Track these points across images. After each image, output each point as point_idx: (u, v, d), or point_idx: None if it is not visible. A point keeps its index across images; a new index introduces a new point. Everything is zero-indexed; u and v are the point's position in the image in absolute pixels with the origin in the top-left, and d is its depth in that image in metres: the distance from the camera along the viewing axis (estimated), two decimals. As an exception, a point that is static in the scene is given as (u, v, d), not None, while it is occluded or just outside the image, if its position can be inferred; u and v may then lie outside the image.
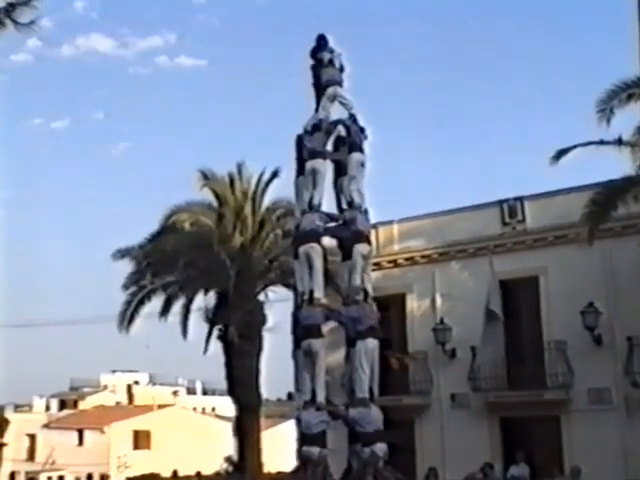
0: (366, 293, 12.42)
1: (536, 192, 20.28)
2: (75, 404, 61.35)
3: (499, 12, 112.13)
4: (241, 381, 22.61)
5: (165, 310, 23.72)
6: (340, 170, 13.33)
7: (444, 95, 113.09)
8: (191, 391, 71.97)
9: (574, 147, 16.55)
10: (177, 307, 24.00)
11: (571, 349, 18.36)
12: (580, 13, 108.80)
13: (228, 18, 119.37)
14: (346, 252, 12.67)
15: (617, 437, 17.53)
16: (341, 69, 13.77)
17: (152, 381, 69.93)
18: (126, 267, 23.45)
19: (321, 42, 13.80)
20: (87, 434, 49.95)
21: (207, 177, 23.83)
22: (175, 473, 28.77)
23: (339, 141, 13.61)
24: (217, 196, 23.94)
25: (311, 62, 13.92)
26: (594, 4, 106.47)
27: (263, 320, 23.13)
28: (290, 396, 33.26)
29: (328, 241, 13.29)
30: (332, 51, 13.75)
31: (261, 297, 23.76)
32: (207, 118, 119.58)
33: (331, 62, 13.68)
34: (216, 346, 23.19)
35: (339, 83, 13.68)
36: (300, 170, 13.12)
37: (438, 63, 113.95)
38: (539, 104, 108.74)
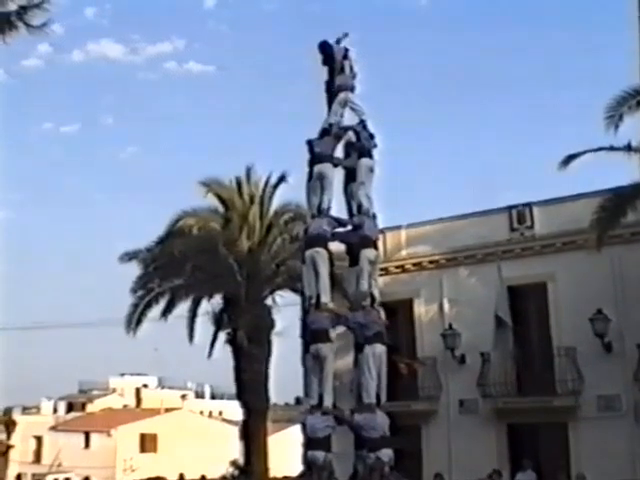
0: (373, 298, 12.38)
1: (545, 198, 20.23)
2: (83, 407, 61.39)
3: (507, 18, 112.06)
4: (250, 385, 22.59)
5: (167, 311, 23.71)
6: (350, 176, 13.31)
7: (453, 100, 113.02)
8: (200, 395, 71.97)
9: (583, 153, 16.52)
10: (184, 310, 24.04)
11: (580, 356, 18.28)
12: (589, 18, 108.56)
13: (237, 24, 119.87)
14: (354, 257, 12.65)
15: (626, 444, 17.44)
16: (354, 76, 13.76)
17: (161, 384, 69.97)
18: (135, 270, 23.50)
19: (326, 48, 13.76)
20: (94, 437, 49.96)
21: (210, 185, 23.87)
22: (181, 476, 28.72)
23: (349, 147, 13.59)
24: (223, 201, 23.98)
25: (319, 66, 13.91)
26: (602, 9, 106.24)
27: (271, 324, 23.12)
28: (298, 400, 33.20)
29: (336, 246, 13.27)
30: (345, 57, 13.72)
31: (269, 301, 23.75)
32: (215, 123, 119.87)
33: (343, 68, 13.68)
34: (225, 350, 23.22)
35: (351, 89, 13.67)
36: (311, 175, 13.11)
37: (446, 68, 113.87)
38: (549, 110, 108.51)
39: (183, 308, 23.97)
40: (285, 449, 29.41)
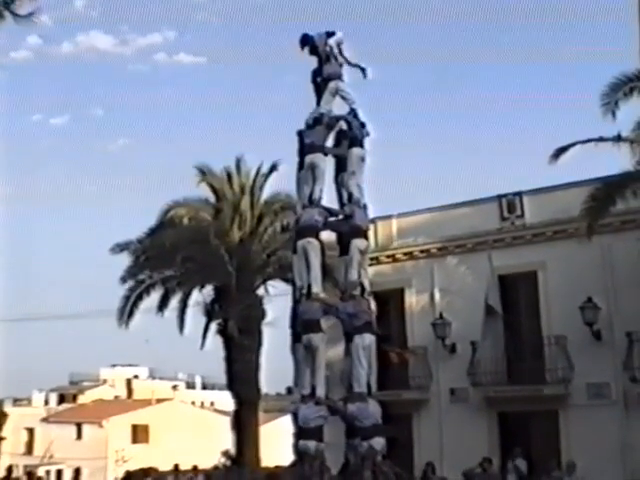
0: (363, 288, 12.37)
1: (535, 187, 20.26)
2: (74, 398, 61.33)
3: (499, 10, 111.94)
4: (241, 375, 22.60)
5: (162, 305, 23.70)
6: (341, 165, 13.27)
7: (444, 90, 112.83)
8: (191, 385, 71.99)
9: (573, 145, 16.55)
10: (175, 301, 24.00)
11: (571, 344, 18.36)
12: (579, 10, 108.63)
13: (227, 16, 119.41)
14: (344, 247, 12.63)
15: (615, 432, 17.55)
16: (340, 64, 13.67)
17: (152, 375, 69.90)
18: (125, 261, 23.42)
19: (307, 40, 13.65)
20: (85, 428, 49.92)
21: (204, 173, 23.82)
22: (176, 467, 28.71)
23: (341, 135, 13.53)
24: (215, 191, 23.94)
25: (309, 56, 13.81)
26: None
27: (262, 314, 23.11)
28: (289, 390, 33.20)
29: (327, 235, 13.24)
30: (330, 46, 13.62)
31: (260, 291, 23.74)
32: (206, 115, 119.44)
33: (329, 57, 13.59)
34: (216, 341, 23.21)
35: (340, 77, 13.60)
36: (302, 164, 13.06)
37: (438, 59, 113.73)
38: (538, 100, 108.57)
39: (174, 299, 23.96)
40: (276, 439, 29.46)
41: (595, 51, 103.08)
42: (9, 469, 34.80)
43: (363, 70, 13.65)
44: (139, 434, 49.92)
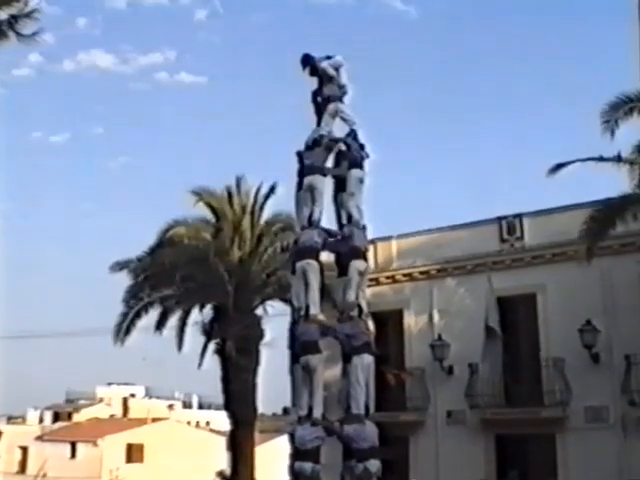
0: (361, 309, 12.35)
1: (535, 209, 20.31)
2: (69, 416, 60.95)
3: (498, 29, 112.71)
4: (237, 395, 22.51)
5: (160, 324, 23.66)
6: (340, 186, 13.28)
7: (443, 111, 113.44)
8: (187, 405, 71.60)
9: (573, 162, 16.62)
10: (174, 320, 23.95)
11: (569, 367, 18.32)
12: (581, 28, 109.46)
13: (228, 36, 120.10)
14: (343, 268, 12.61)
15: (613, 456, 17.47)
16: (340, 86, 13.72)
17: (148, 394, 69.56)
18: (124, 280, 23.38)
19: (308, 60, 13.70)
20: (80, 447, 49.55)
21: (201, 194, 23.83)
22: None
23: (340, 156, 13.56)
24: (214, 211, 23.95)
25: (309, 77, 13.87)
26: (594, 19, 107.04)
27: (261, 335, 23.05)
28: (286, 411, 33.07)
29: (326, 256, 13.24)
30: (331, 68, 13.67)
31: (259, 311, 23.70)
32: (206, 134, 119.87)
33: (331, 78, 13.64)
34: (213, 360, 23.13)
35: (340, 99, 13.65)
36: (301, 185, 13.07)
37: (437, 80, 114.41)
38: (539, 122, 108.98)
39: (172, 318, 23.90)
40: (272, 460, 29.28)
41: (599, 71, 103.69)
42: (2, 488, 34.59)
43: (341, 87, 13.66)
44: (134, 453, 49.55)
